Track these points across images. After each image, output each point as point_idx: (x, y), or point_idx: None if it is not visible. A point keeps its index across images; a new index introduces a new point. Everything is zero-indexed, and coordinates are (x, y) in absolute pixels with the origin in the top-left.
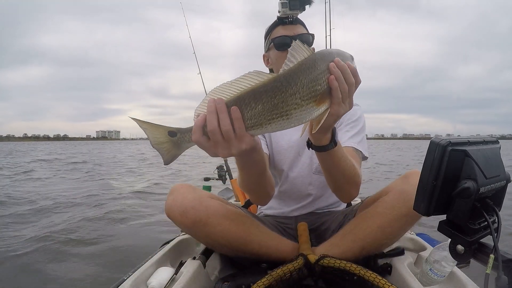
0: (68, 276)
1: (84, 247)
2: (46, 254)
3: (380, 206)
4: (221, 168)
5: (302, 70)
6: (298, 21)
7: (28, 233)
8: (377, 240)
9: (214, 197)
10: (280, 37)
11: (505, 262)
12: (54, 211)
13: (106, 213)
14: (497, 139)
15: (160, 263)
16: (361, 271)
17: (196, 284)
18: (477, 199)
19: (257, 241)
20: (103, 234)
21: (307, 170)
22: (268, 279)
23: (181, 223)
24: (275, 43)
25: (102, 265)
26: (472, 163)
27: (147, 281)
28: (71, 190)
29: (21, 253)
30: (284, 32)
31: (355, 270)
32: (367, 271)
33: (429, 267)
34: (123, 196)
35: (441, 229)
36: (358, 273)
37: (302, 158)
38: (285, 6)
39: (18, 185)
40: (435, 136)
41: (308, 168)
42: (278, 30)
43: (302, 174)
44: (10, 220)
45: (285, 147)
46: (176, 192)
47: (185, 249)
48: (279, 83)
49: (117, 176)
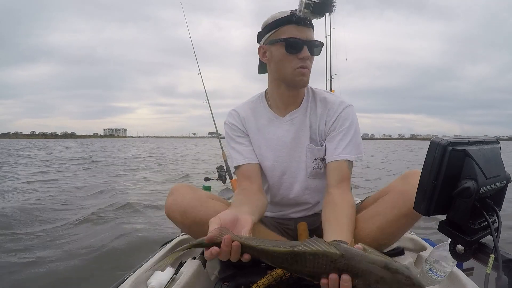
0: (67, 276)
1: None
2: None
3: (380, 206)
4: (221, 168)
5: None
6: (312, 24)
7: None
8: (377, 240)
9: (214, 197)
10: (294, 39)
11: (505, 262)
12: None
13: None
14: (497, 139)
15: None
16: None
17: (196, 284)
18: (477, 199)
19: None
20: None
21: (302, 175)
22: (268, 279)
23: (181, 223)
24: (287, 43)
25: (102, 264)
26: (472, 163)
27: (147, 281)
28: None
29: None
30: (298, 34)
31: None
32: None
33: (429, 267)
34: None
35: (441, 229)
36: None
37: (296, 163)
38: (307, 8)
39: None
40: (436, 137)
41: (303, 173)
42: (291, 29)
43: (299, 179)
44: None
45: (277, 155)
46: (176, 192)
47: None
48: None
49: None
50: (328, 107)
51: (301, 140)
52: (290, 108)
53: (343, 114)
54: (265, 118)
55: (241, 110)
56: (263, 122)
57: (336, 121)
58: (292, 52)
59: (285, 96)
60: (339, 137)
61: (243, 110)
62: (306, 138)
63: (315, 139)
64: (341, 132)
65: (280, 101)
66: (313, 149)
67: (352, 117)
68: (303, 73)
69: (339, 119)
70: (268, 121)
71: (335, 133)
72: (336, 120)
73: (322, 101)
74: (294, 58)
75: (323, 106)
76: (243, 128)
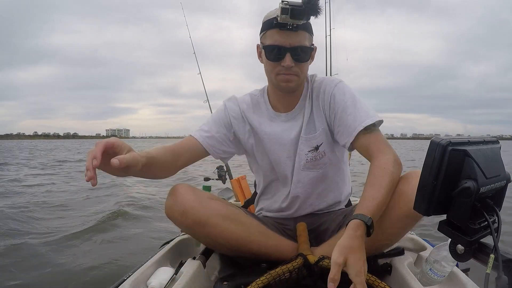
0: (67, 275)
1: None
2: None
3: None
4: (221, 168)
5: None
6: (301, 27)
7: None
8: (377, 241)
9: (214, 197)
10: (273, 46)
11: (505, 262)
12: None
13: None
14: (500, 138)
15: (160, 263)
16: None
17: (196, 284)
18: (477, 199)
19: (256, 241)
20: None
21: (295, 167)
22: (267, 278)
23: (181, 223)
24: (267, 51)
25: (101, 264)
26: (472, 163)
27: (147, 281)
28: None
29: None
30: (279, 40)
31: None
32: (366, 273)
33: (429, 267)
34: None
35: (441, 229)
36: None
37: (291, 158)
38: (285, 13)
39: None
40: (436, 136)
41: (296, 165)
42: (273, 35)
43: (293, 173)
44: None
45: (276, 150)
46: (176, 193)
47: (185, 249)
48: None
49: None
50: (321, 90)
51: (296, 136)
52: (289, 107)
53: (336, 91)
54: (265, 115)
55: (242, 102)
56: (264, 120)
57: (332, 100)
58: (273, 60)
59: (279, 96)
60: (347, 113)
61: (245, 102)
62: (300, 132)
63: (311, 128)
64: (346, 108)
65: (277, 101)
66: (306, 140)
67: (347, 89)
68: (287, 79)
69: (334, 97)
70: (269, 119)
71: (342, 114)
72: (332, 99)
73: (318, 86)
74: (277, 65)
75: (321, 91)
76: (234, 123)
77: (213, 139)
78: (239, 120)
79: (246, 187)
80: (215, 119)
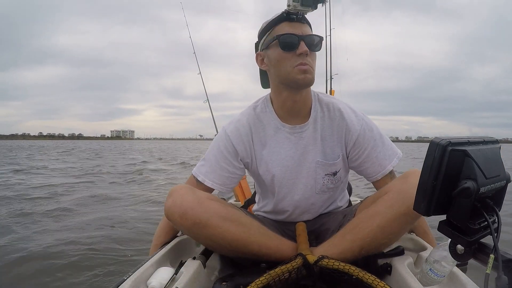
0: (66, 275)
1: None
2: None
3: (379, 205)
4: None
5: None
6: (306, 20)
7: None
8: (376, 240)
9: (214, 198)
10: (287, 35)
11: (505, 262)
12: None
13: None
14: (497, 139)
15: (160, 263)
16: (359, 273)
17: (196, 284)
18: (477, 199)
19: (257, 242)
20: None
21: (310, 191)
22: (267, 278)
23: (181, 224)
24: (281, 40)
25: (101, 265)
26: (472, 163)
27: (147, 281)
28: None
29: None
30: (291, 30)
31: (353, 272)
32: (366, 273)
33: (429, 267)
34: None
35: (441, 229)
36: (357, 275)
37: (304, 180)
38: (296, 1)
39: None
40: (436, 137)
41: (312, 189)
42: (283, 27)
43: (306, 196)
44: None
45: (283, 171)
46: (176, 194)
47: (185, 249)
48: None
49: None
50: (337, 115)
51: (310, 156)
52: (298, 120)
53: (365, 127)
54: (271, 126)
55: (242, 127)
56: (270, 132)
57: (361, 135)
58: (288, 50)
59: (288, 102)
60: (378, 151)
61: (245, 126)
62: (316, 154)
63: (329, 153)
64: (375, 147)
65: (284, 109)
66: (324, 165)
67: (374, 126)
68: (304, 70)
69: (364, 133)
70: (275, 131)
71: (372, 151)
72: (361, 135)
73: (337, 112)
74: (292, 56)
75: (340, 118)
76: (240, 149)
77: (222, 177)
78: (243, 145)
79: (246, 187)
80: (221, 151)
